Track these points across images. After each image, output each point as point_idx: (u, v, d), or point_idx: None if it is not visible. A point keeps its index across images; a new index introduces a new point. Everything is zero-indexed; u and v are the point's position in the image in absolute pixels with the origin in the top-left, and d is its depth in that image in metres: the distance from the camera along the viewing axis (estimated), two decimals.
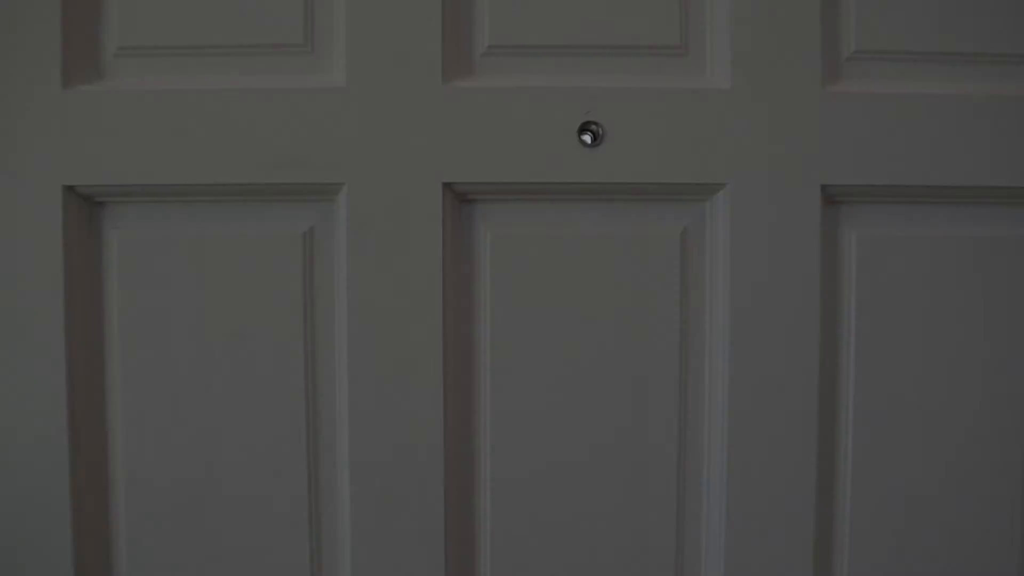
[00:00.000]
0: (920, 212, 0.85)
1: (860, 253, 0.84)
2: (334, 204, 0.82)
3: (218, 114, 0.81)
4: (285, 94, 0.81)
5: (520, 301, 0.85)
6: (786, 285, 0.83)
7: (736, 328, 0.83)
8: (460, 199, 0.83)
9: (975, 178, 0.83)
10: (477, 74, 0.83)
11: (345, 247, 0.83)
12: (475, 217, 0.85)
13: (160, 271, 0.83)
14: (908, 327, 0.85)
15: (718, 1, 0.83)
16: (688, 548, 0.86)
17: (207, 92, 0.82)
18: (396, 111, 0.81)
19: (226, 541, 0.85)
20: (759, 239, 0.83)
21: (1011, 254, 0.85)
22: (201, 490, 0.85)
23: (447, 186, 0.82)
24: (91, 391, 0.84)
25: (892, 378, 0.85)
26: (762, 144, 0.82)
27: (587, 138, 0.81)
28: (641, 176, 0.82)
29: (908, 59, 0.84)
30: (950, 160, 0.83)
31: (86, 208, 0.82)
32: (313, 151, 0.81)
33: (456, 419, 0.85)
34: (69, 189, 0.80)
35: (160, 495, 0.85)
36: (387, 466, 0.84)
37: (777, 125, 0.82)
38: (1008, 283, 0.86)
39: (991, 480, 0.86)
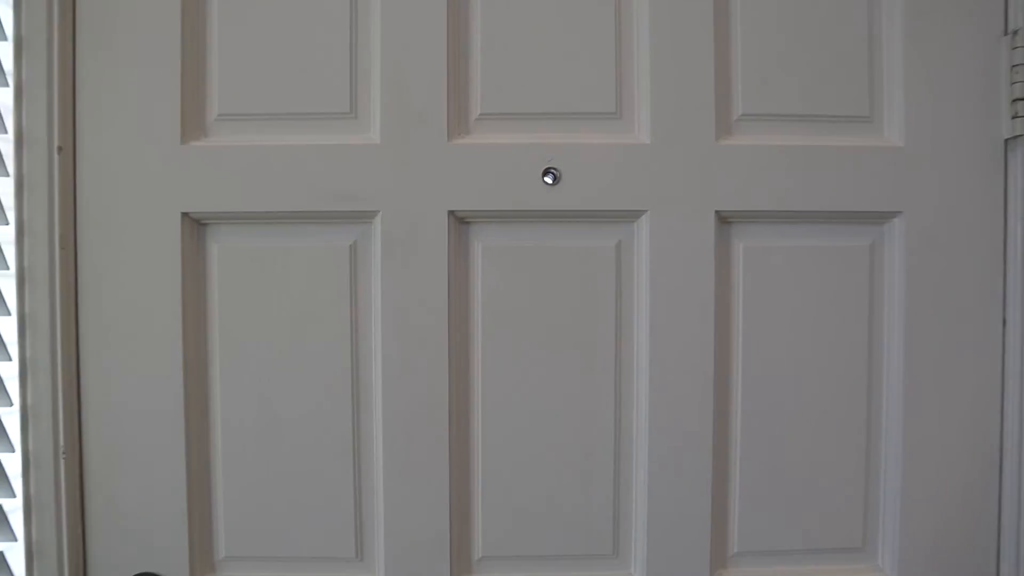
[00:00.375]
0: (789, 229, 0.97)
1: (745, 259, 0.97)
2: (371, 225, 0.95)
3: (288, 161, 0.94)
4: (336, 148, 0.94)
5: (503, 294, 0.96)
6: (691, 281, 0.96)
7: (654, 313, 0.96)
8: (460, 222, 0.96)
9: (824, 204, 0.96)
10: (472, 133, 0.96)
11: (379, 256, 0.95)
12: (471, 235, 0.96)
13: (247, 273, 0.96)
14: (780, 311, 0.98)
15: (641, 80, 0.95)
16: (623, 431, 0.97)
17: (281, 146, 0.94)
18: (415, 160, 0.94)
19: (292, 465, 0.97)
20: (671, 248, 0.96)
21: (850, 258, 0.98)
22: (275, 431, 0.96)
23: (451, 213, 0.94)
24: (198, 368, 0.96)
25: (769, 347, 0.98)
26: (672, 181, 0.95)
27: (549, 179, 0.94)
28: (587, 205, 0.95)
29: (779, 119, 0.97)
30: (808, 191, 0.96)
31: (195, 228, 0.96)
32: (356, 188, 0.94)
33: (457, 378, 0.96)
34: (185, 215, 0.95)
35: (246, 437, 0.97)
36: (408, 412, 0.95)
37: (683, 168, 0.95)
38: (847, 279, 0.98)
39: (839, 406, 0.99)
